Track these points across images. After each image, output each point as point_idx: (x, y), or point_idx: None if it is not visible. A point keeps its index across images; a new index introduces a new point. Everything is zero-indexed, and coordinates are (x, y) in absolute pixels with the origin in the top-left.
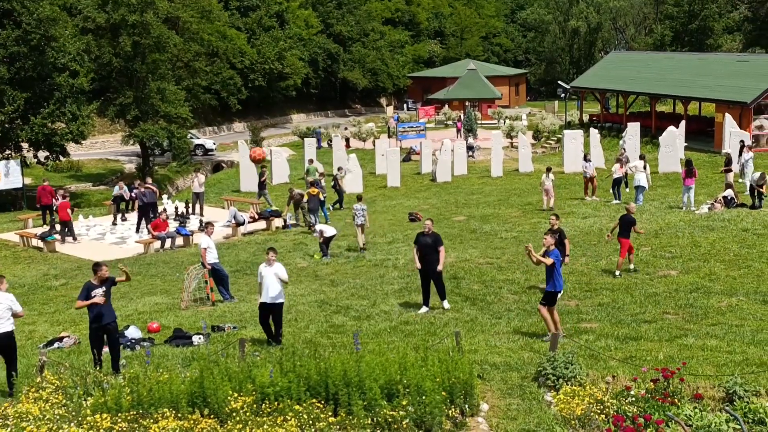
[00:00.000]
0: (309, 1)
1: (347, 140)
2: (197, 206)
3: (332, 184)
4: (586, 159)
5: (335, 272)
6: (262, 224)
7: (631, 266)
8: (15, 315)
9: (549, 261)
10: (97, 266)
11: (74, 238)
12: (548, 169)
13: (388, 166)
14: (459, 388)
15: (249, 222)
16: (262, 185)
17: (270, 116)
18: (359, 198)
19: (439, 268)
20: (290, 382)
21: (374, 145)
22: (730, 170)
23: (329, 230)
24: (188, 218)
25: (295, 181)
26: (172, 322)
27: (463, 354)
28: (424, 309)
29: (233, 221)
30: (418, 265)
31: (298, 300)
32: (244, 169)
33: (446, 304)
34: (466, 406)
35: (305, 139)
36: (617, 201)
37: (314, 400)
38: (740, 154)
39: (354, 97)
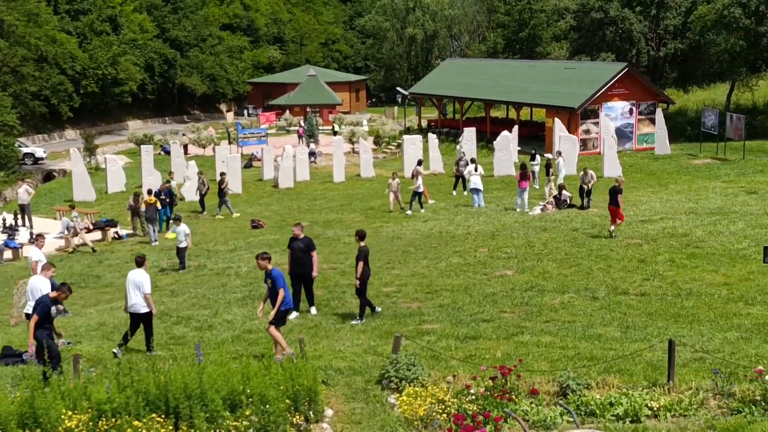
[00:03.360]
0: (143, 6)
1: (185, 147)
2: (25, 218)
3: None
4: (419, 164)
5: (175, 282)
6: (97, 235)
7: (612, 229)
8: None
9: (281, 295)
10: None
11: None
12: (394, 174)
13: (229, 172)
14: (303, 395)
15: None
16: (222, 193)
17: (104, 123)
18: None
19: (314, 273)
20: (128, 397)
21: (214, 152)
22: (550, 174)
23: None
24: (17, 230)
25: (131, 189)
26: (1, 339)
27: (307, 360)
28: (294, 314)
29: (66, 232)
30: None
31: None
32: (77, 178)
33: (314, 310)
34: (311, 412)
35: (142, 146)
36: (409, 212)
37: (154, 415)
38: (533, 159)
39: (193, 103)
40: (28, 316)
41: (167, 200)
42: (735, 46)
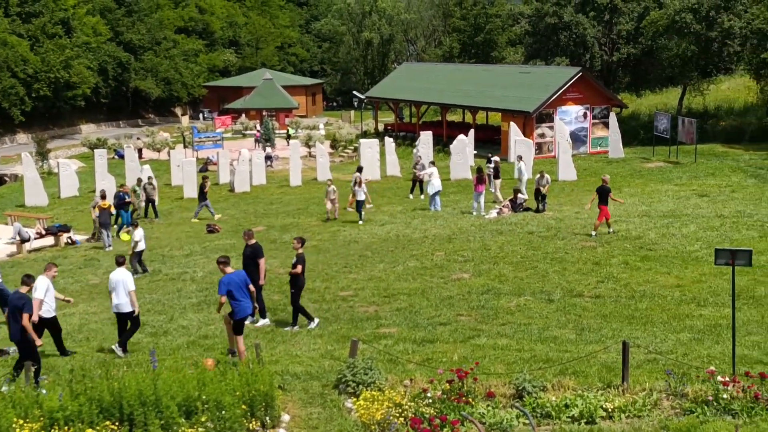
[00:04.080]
0: (96, 9)
1: (140, 151)
2: None
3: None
4: (359, 170)
5: None
6: (49, 240)
7: (610, 230)
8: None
9: (223, 299)
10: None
11: None
12: (330, 182)
13: (184, 177)
14: (259, 401)
15: (35, 238)
16: (203, 195)
17: (57, 127)
18: None
19: (261, 281)
20: (81, 405)
21: (169, 156)
22: (499, 177)
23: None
24: None
25: (84, 194)
26: None
27: (263, 366)
28: (249, 320)
29: (17, 238)
30: None
31: (90, 318)
32: (29, 182)
33: (261, 321)
34: (267, 418)
35: (95, 150)
36: (361, 221)
37: (108, 423)
38: (489, 163)
39: (147, 107)
40: (46, 321)
41: (129, 203)
42: (686, 51)
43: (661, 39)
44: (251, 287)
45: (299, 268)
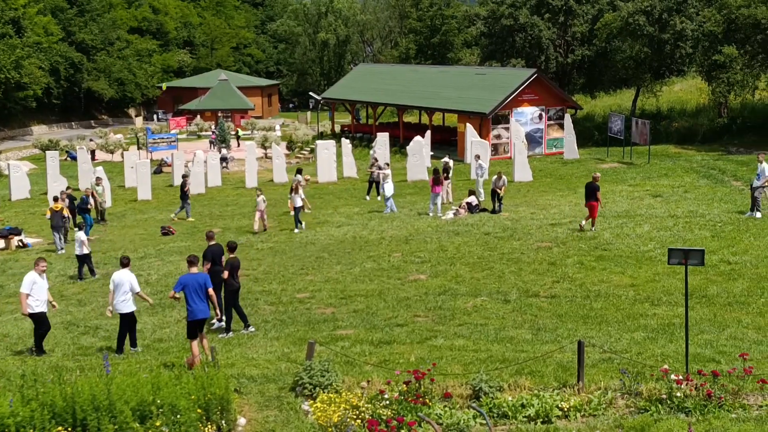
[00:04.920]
0: (48, 8)
1: (93, 152)
2: None
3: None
4: (299, 172)
5: (83, 291)
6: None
7: (584, 225)
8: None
9: (174, 294)
10: None
11: None
12: (259, 191)
13: (138, 178)
14: (215, 404)
15: None
16: (184, 195)
17: (8, 128)
18: None
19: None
20: (33, 410)
21: (123, 157)
22: (449, 178)
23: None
24: None
25: (36, 196)
26: None
27: (219, 369)
28: (218, 324)
29: None
30: None
31: None
32: None
33: (217, 324)
34: (223, 421)
35: (47, 152)
36: (298, 230)
37: (60, 428)
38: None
39: (100, 108)
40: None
41: (88, 206)
42: (640, 53)
43: (615, 41)
44: (210, 291)
45: (225, 274)
